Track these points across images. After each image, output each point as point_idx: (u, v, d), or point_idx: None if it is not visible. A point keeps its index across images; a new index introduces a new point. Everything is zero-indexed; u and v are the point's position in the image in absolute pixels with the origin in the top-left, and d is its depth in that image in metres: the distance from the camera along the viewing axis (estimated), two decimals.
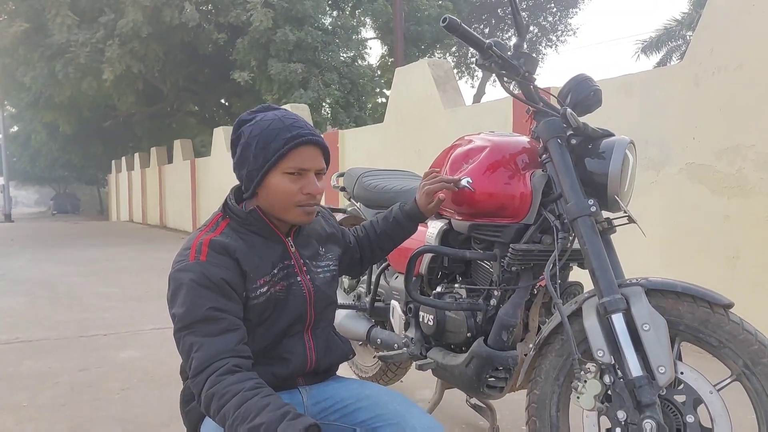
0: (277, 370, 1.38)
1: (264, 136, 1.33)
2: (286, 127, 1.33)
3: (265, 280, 1.36)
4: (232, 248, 1.32)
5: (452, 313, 1.82)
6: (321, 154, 1.38)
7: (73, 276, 6.68)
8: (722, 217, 3.39)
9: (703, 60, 3.50)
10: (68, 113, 15.46)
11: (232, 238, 1.35)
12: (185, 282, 1.27)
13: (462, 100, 5.95)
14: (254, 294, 1.35)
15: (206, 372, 1.21)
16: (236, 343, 1.26)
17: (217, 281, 1.27)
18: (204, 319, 1.24)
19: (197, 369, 1.22)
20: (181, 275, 1.28)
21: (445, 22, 1.53)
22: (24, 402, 2.68)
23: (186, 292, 1.26)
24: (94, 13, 11.85)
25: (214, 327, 1.24)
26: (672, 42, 20.05)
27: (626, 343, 1.34)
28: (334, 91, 11.62)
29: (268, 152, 1.32)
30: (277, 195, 1.35)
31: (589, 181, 1.55)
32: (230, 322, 1.26)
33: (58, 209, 36.74)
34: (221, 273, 1.28)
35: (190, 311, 1.25)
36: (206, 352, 1.22)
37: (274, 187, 1.34)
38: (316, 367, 1.47)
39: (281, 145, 1.31)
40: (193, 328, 1.24)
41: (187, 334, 1.25)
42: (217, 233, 1.36)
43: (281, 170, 1.33)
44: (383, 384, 2.57)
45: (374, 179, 2.36)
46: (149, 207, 17.62)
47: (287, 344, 1.42)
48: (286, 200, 1.35)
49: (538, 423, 1.53)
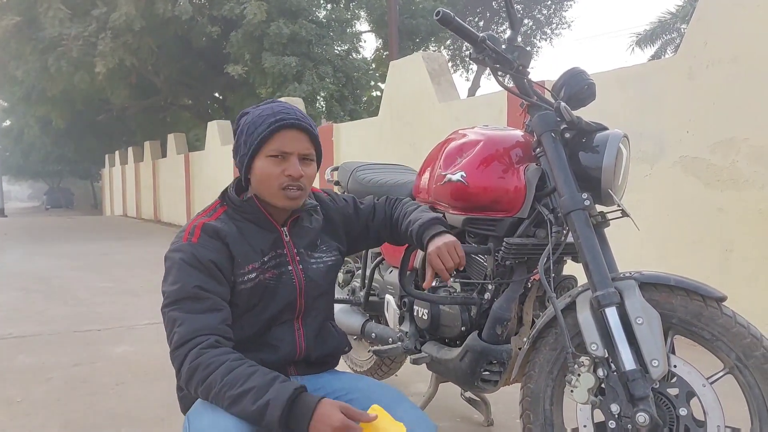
0: (265, 357, 1.39)
1: (253, 123, 1.39)
2: (273, 113, 1.39)
3: (254, 266, 1.40)
4: (223, 233, 1.37)
5: (446, 307, 1.82)
6: (307, 138, 1.41)
7: (67, 270, 6.65)
8: (716, 210, 3.40)
9: (697, 53, 3.51)
10: (61, 107, 15.38)
11: (226, 224, 1.40)
12: (176, 261, 1.33)
13: (457, 94, 5.94)
14: (242, 279, 1.38)
15: (188, 345, 1.25)
16: (219, 322, 1.30)
17: (205, 262, 1.32)
18: (190, 297, 1.29)
19: (178, 342, 1.27)
20: (173, 255, 1.35)
21: (439, 15, 1.52)
22: (18, 397, 2.68)
23: (176, 270, 1.32)
24: (87, 6, 11.77)
25: (198, 305, 1.29)
26: (667, 35, 20.04)
27: (620, 337, 1.34)
28: (329, 84, 11.60)
29: (254, 136, 1.38)
30: (262, 178, 1.39)
31: (582, 174, 1.55)
32: (215, 302, 1.31)
33: (52, 204, 36.61)
34: (210, 255, 1.34)
35: (178, 288, 1.30)
36: (188, 327, 1.27)
37: (260, 171, 1.39)
38: (306, 356, 1.48)
39: (264, 128, 1.37)
40: (178, 304, 1.29)
41: (172, 310, 1.30)
42: (213, 218, 1.42)
43: (265, 153, 1.38)
44: (378, 378, 2.57)
45: (369, 173, 2.35)
46: (143, 201, 17.56)
47: (276, 332, 1.44)
48: (269, 183, 1.39)
49: (532, 416, 1.54)
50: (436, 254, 1.51)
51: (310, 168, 1.43)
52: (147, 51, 12.08)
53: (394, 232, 1.70)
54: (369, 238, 1.72)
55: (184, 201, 13.46)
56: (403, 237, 1.67)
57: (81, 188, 39.82)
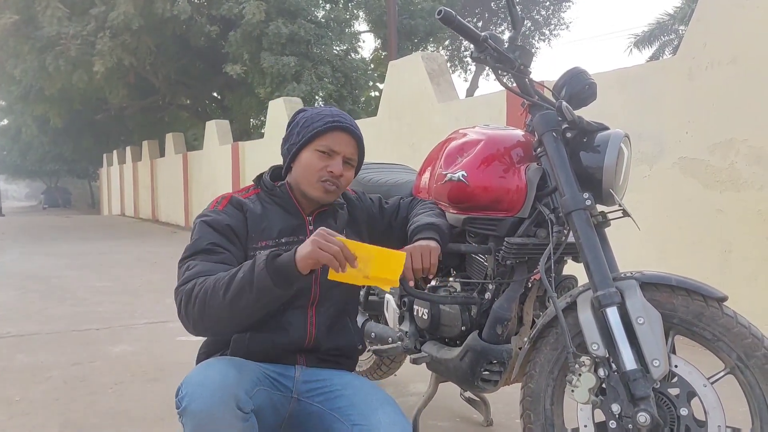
0: (276, 338, 1.47)
1: (311, 119, 1.53)
2: (331, 114, 1.53)
3: (266, 243, 1.49)
4: (246, 207, 1.52)
5: (447, 307, 1.82)
6: (355, 144, 1.55)
7: (66, 270, 6.64)
8: (715, 210, 3.40)
9: (696, 54, 3.51)
10: (59, 106, 15.32)
11: (253, 202, 1.54)
12: (198, 223, 1.48)
13: (456, 94, 5.94)
14: (253, 253, 1.46)
15: (193, 280, 1.35)
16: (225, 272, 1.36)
17: (223, 226, 1.46)
18: (204, 251, 1.42)
19: (185, 279, 1.36)
20: (198, 219, 1.50)
21: (441, 14, 1.52)
22: (16, 396, 2.67)
23: (197, 230, 1.47)
24: (85, 5, 11.75)
25: (212, 257, 1.41)
26: (665, 36, 20.07)
27: (621, 337, 1.34)
28: (327, 84, 11.58)
29: (309, 129, 1.51)
30: (305, 168, 1.52)
31: (584, 174, 1.54)
32: (226, 257, 1.42)
33: (49, 203, 36.55)
34: (229, 220, 1.48)
35: (195, 243, 1.44)
36: (198, 269, 1.37)
37: (305, 161, 1.52)
38: (315, 345, 1.51)
39: (321, 124, 1.50)
40: (193, 256, 1.42)
41: (187, 260, 1.42)
42: (244, 196, 1.57)
43: (314, 147, 1.51)
44: (377, 378, 2.57)
45: (368, 173, 2.35)
46: (141, 201, 17.54)
47: (289, 315, 1.49)
48: (311, 174, 1.51)
49: (533, 416, 1.53)
50: (409, 252, 1.56)
51: (350, 172, 1.56)
52: (145, 50, 12.06)
53: (405, 230, 1.74)
54: (392, 237, 1.77)
55: (182, 200, 13.44)
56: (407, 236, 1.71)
57: (79, 188, 39.74)
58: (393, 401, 1.44)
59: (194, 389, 1.22)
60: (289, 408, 1.46)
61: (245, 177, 10.20)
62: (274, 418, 1.42)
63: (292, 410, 1.46)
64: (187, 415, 1.20)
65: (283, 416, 1.45)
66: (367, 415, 1.37)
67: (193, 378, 1.25)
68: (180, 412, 1.23)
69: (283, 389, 1.46)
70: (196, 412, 1.19)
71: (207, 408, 1.18)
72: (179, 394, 1.26)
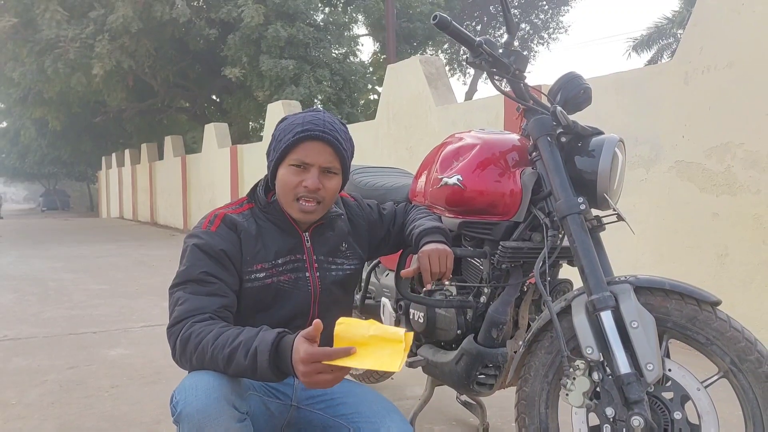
0: None
1: (284, 131, 1.43)
2: (302, 123, 1.41)
3: (263, 266, 1.42)
4: (240, 227, 1.43)
5: (442, 311, 1.82)
6: (330, 151, 1.42)
7: (63, 273, 6.63)
8: (711, 214, 3.41)
9: (693, 58, 3.52)
10: (58, 109, 15.33)
11: (247, 220, 1.45)
12: (190, 245, 1.39)
13: (454, 98, 5.95)
14: (249, 277, 1.42)
15: (184, 321, 1.29)
16: (219, 306, 1.33)
17: (217, 251, 1.37)
18: (196, 280, 1.34)
19: (176, 319, 1.30)
20: (189, 239, 1.41)
21: (436, 19, 1.53)
22: (12, 400, 2.66)
23: (188, 254, 1.38)
24: (84, 8, 11.76)
25: (203, 288, 1.34)
26: (663, 40, 20.13)
27: (615, 341, 1.35)
28: (326, 87, 11.59)
29: (281, 144, 1.42)
30: (282, 186, 1.43)
31: (578, 179, 1.55)
32: (219, 288, 1.35)
33: (48, 206, 36.47)
34: (223, 245, 1.38)
35: (185, 270, 1.36)
36: (189, 306, 1.31)
37: (281, 178, 1.43)
38: None
39: (291, 137, 1.40)
40: (184, 285, 1.34)
41: (178, 290, 1.35)
42: (236, 212, 1.47)
43: (288, 162, 1.42)
44: (373, 381, 2.58)
45: (366, 176, 2.36)
46: (140, 204, 17.53)
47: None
48: (287, 192, 1.43)
49: (527, 420, 1.54)
50: (426, 255, 1.54)
51: (332, 181, 1.45)
52: (144, 53, 12.06)
53: (403, 236, 1.73)
54: (389, 244, 1.76)
55: (181, 203, 13.44)
56: (407, 240, 1.70)
57: (77, 190, 39.71)
58: (397, 409, 1.43)
59: (188, 393, 1.21)
60: (287, 416, 1.44)
61: (244, 180, 10.20)
62: (269, 425, 1.41)
63: (291, 418, 1.45)
64: (183, 420, 1.19)
65: (281, 424, 1.44)
66: (374, 422, 1.36)
67: (185, 384, 1.24)
68: (175, 419, 1.22)
69: (282, 397, 1.45)
70: (192, 413, 1.18)
71: (202, 407, 1.18)
72: (173, 400, 1.25)
